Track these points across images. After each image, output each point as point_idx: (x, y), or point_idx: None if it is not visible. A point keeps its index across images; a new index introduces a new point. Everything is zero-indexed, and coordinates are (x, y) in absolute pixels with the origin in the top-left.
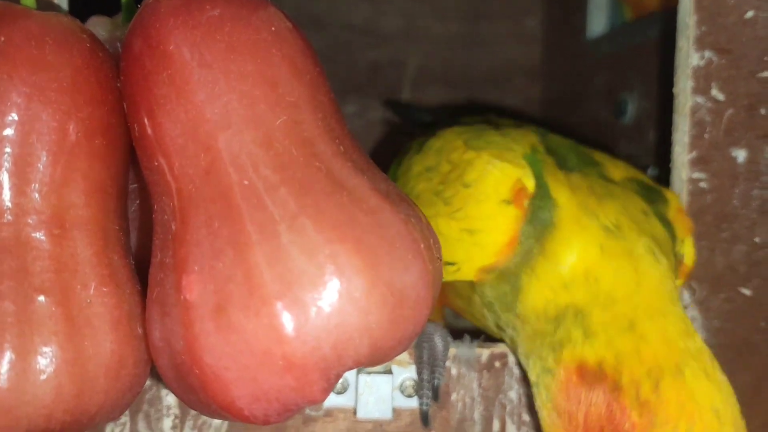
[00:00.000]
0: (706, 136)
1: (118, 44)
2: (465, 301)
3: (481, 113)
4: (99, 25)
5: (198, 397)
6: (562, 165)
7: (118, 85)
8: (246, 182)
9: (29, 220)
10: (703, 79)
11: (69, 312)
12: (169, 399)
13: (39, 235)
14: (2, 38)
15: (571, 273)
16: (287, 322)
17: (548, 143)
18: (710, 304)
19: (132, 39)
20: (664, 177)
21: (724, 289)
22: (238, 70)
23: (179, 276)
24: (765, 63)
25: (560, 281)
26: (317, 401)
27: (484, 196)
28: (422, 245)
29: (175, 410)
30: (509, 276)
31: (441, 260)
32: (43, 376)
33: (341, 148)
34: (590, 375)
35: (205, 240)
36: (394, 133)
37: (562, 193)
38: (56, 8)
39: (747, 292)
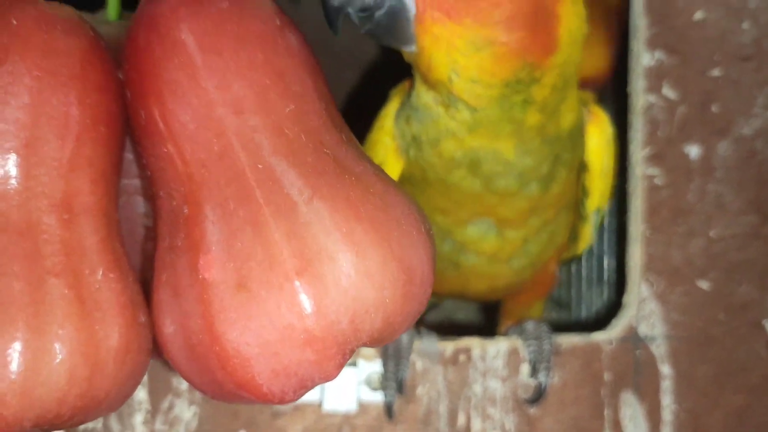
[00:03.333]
0: (660, 133)
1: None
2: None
3: None
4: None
5: (214, 376)
6: None
7: (119, 75)
8: (260, 166)
9: (39, 204)
10: (655, 79)
11: (80, 295)
12: (140, 394)
13: (49, 219)
14: (14, 21)
15: None
16: (308, 296)
17: None
18: (669, 297)
19: (138, 28)
20: (621, 175)
21: (681, 282)
22: (248, 59)
23: (195, 256)
24: (715, 62)
25: None
26: (332, 377)
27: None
28: (423, 226)
29: (146, 405)
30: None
31: (434, 239)
32: (58, 358)
33: (343, 136)
34: None
35: (221, 221)
36: None
37: None
38: None
39: (705, 285)
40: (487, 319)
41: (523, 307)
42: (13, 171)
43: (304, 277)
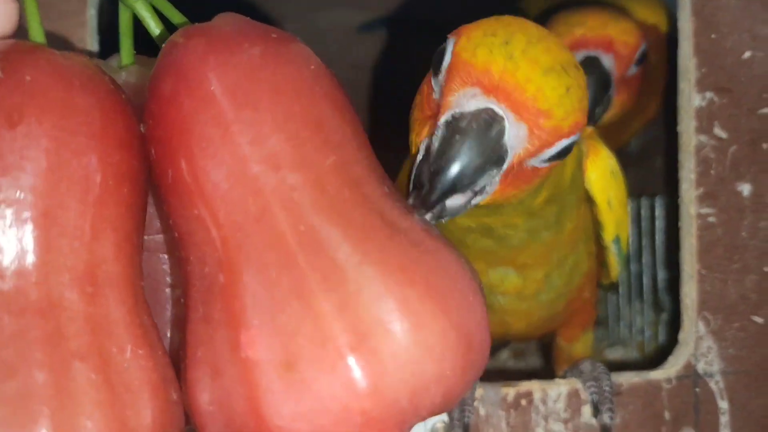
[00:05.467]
0: (712, 172)
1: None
2: None
3: None
4: (115, 67)
5: None
6: None
7: (141, 129)
8: (302, 227)
9: (61, 279)
10: (706, 119)
11: (108, 379)
12: None
13: (71, 295)
14: (28, 78)
15: None
16: (365, 374)
17: None
18: (725, 333)
19: (163, 80)
20: (672, 210)
21: (737, 318)
22: (284, 111)
23: (236, 332)
24: (764, 100)
25: None
26: None
27: None
28: (476, 283)
29: None
30: None
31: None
32: None
33: (385, 188)
34: None
35: (263, 291)
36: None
37: None
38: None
39: (759, 320)
40: (546, 363)
41: (571, 342)
42: (31, 244)
43: (359, 353)
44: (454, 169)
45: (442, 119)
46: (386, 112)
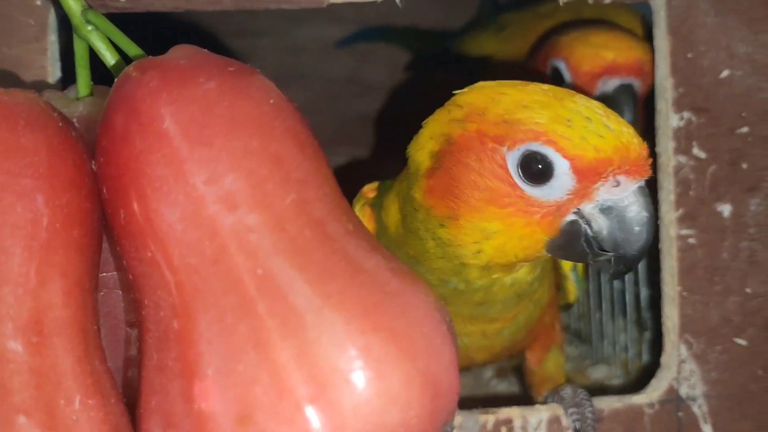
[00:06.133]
0: (691, 193)
1: (75, 122)
2: None
3: None
4: (51, 101)
5: None
6: None
7: (93, 167)
8: (260, 271)
9: (3, 329)
10: (684, 139)
11: None
12: None
13: (15, 345)
14: None
15: None
16: (324, 427)
17: None
18: (707, 356)
19: (115, 116)
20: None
21: (720, 341)
22: (241, 147)
23: (190, 382)
24: (743, 119)
25: None
26: None
27: None
28: (445, 324)
29: None
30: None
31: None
32: None
33: (350, 225)
34: None
35: (219, 339)
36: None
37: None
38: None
39: (742, 342)
40: (524, 387)
41: (539, 365)
42: None
43: (318, 405)
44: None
45: (595, 208)
46: (359, 125)
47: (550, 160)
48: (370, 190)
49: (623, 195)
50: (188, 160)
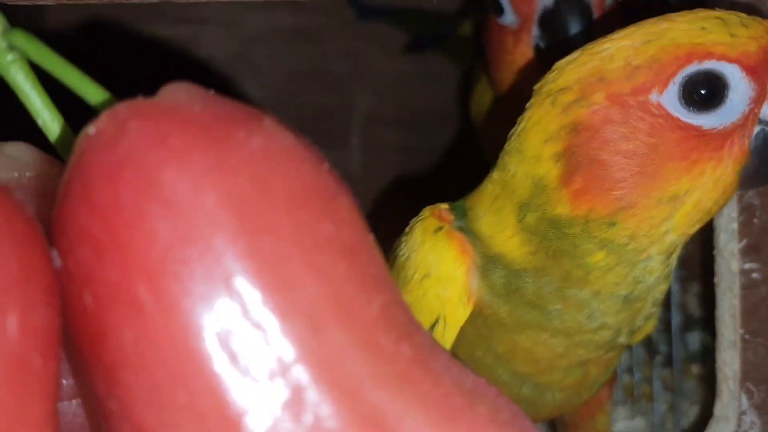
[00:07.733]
0: (756, 221)
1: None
2: None
3: None
4: (12, 157)
5: None
6: None
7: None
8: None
9: None
10: None
11: None
12: None
13: None
14: None
15: None
16: None
17: None
18: None
19: (85, 205)
20: (708, 266)
21: None
22: (311, 236)
23: None
24: None
25: None
26: None
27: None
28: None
29: None
30: None
31: None
32: None
33: (422, 328)
34: None
35: None
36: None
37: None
38: None
39: None
40: None
41: (591, 418)
42: None
43: None
44: None
45: None
46: (321, 122)
47: (717, 73)
48: (445, 211)
49: None
50: (248, 256)
